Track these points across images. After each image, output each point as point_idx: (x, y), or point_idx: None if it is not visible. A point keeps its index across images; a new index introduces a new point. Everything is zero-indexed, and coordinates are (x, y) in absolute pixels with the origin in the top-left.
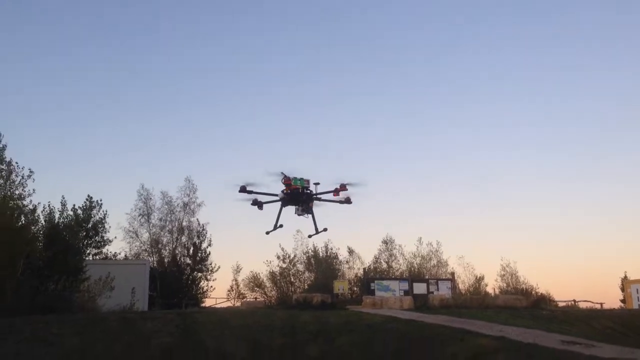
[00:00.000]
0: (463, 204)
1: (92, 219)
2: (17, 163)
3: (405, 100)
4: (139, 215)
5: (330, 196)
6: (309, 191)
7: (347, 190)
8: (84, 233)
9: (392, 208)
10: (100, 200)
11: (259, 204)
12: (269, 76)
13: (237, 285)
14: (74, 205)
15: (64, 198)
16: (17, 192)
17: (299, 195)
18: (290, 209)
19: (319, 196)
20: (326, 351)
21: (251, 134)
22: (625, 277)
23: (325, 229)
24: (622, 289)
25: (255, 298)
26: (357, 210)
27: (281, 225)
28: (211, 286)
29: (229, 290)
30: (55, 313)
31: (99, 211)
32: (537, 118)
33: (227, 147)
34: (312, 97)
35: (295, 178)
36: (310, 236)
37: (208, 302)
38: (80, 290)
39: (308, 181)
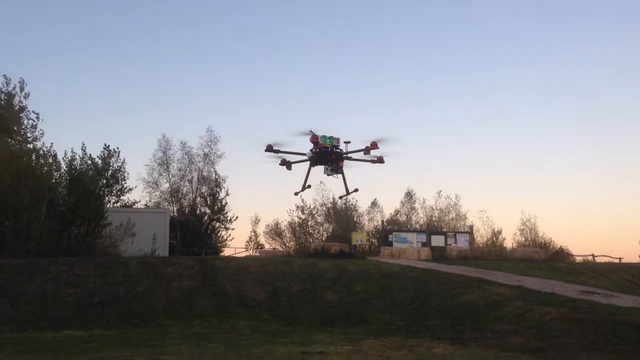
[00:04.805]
0: (486, 158)
1: (111, 168)
2: (35, 114)
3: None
4: (157, 165)
5: (361, 155)
6: (338, 150)
7: (378, 148)
8: (104, 181)
9: (416, 163)
10: (118, 149)
11: (287, 164)
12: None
13: (256, 235)
14: (90, 154)
15: (84, 144)
16: (30, 135)
17: (327, 155)
18: (319, 169)
19: (349, 155)
20: (344, 297)
21: (278, 88)
22: None
23: (356, 190)
24: None
25: (274, 248)
26: (382, 166)
27: (309, 186)
28: (229, 234)
29: (247, 241)
30: (78, 256)
31: (117, 160)
32: (563, 73)
33: (253, 100)
34: (342, 54)
35: (324, 136)
36: (341, 197)
37: (227, 252)
38: (102, 236)
39: (338, 140)
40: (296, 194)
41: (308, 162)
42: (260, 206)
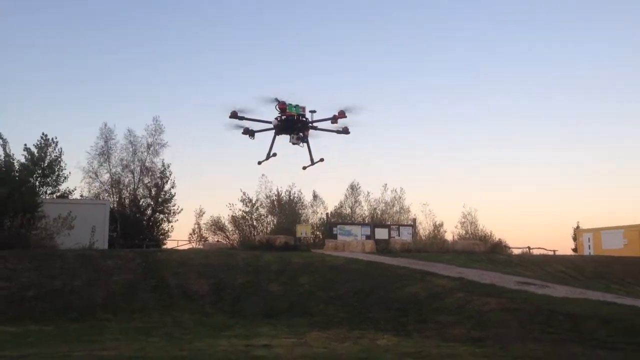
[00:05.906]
0: (428, 150)
1: (48, 158)
2: None
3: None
4: (98, 155)
5: (327, 125)
6: (304, 119)
7: (345, 117)
8: (40, 171)
9: (359, 151)
10: (56, 138)
11: (250, 133)
12: None
13: (200, 228)
14: (25, 144)
15: (2, 135)
16: None
17: (293, 123)
18: (284, 138)
19: (315, 124)
20: (288, 289)
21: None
22: (578, 227)
23: (321, 159)
24: (574, 238)
25: (217, 241)
26: (327, 153)
27: (275, 154)
28: (172, 226)
29: (190, 234)
30: (11, 249)
31: (54, 149)
32: (509, 67)
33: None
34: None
35: (290, 105)
36: (305, 168)
37: (169, 244)
38: (38, 228)
39: (304, 108)
40: (259, 163)
41: (273, 131)
42: (205, 196)
